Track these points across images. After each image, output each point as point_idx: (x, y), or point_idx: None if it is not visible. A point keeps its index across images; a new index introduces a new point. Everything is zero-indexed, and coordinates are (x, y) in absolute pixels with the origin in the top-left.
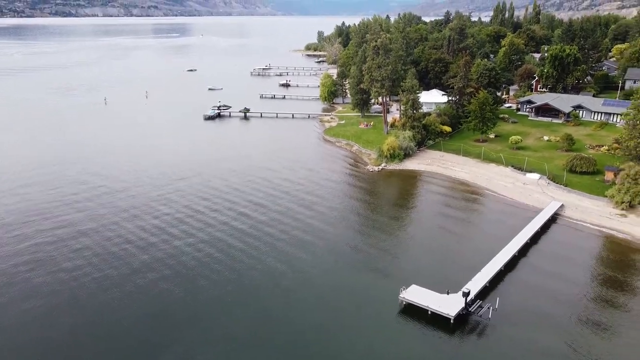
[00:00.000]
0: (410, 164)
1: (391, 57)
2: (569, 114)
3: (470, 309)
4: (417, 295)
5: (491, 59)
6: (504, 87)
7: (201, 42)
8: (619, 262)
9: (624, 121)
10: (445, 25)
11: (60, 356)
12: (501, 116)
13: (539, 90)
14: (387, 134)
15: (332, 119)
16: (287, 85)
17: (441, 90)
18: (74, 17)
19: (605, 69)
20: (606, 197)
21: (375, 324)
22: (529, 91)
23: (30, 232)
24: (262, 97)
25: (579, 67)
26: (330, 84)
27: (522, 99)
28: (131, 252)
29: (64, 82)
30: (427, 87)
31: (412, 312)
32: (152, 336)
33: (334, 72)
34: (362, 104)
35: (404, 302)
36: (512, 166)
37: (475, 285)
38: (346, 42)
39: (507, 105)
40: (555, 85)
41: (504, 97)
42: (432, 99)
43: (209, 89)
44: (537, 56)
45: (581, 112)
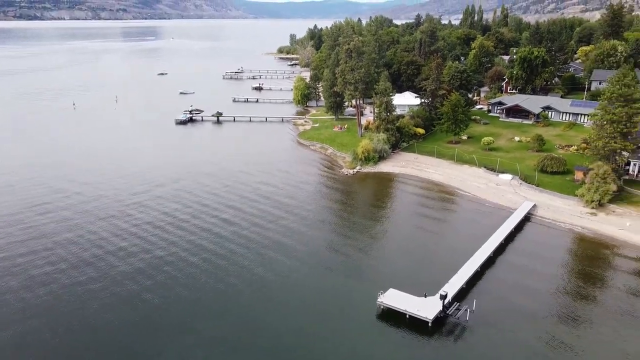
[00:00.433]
0: (384, 167)
1: (364, 60)
2: (538, 114)
3: (447, 312)
4: (395, 299)
5: (462, 62)
6: (475, 89)
7: (172, 46)
8: (591, 260)
9: (591, 122)
10: (416, 28)
11: None
12: (473, 118)
13: (509, 91)
14: (362, 136)
15: (306, 122)
16: (260, 88)
17: (414, 92)
18: (40, 20)
19: (571, 70)
20: (576, 196)
21: (354, 329)
22: (499, 93)
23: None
24: (234, 100)
25: (547, 69)
26: (303, 87)
27: (493, 101)
28: (110, 262)
29: (30, 87)
30: (400, 90)
31: (391, 316)
32: (136, 345)
33: (307, 75)
34: (336, 107)
35: (382, 307)
36: (485, 167)
37: (452, 287)
38: (319, 45)
39: (478, 106)
40: (524, 86)
41: (475, 98)
42: (405, 102)
43: (181, 93)
44: (506, 58)
45: (550, 113)
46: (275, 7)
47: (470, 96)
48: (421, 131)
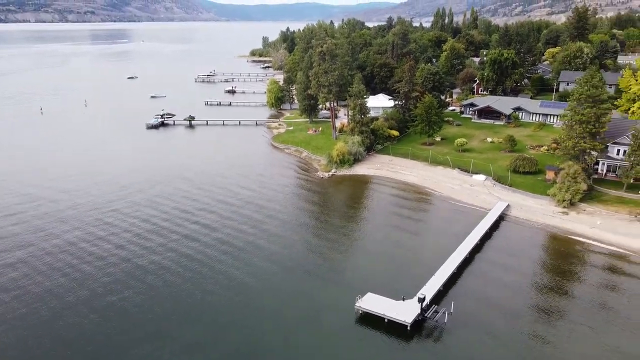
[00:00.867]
0: (360, 169)
1: (338, 62)
2: (509, 115)
3: (426, 315)
4: (373, 303)
5: (434, 64)
6: (447, 90)
7: (142, 48)
8: (565, 259)
9: (561, 122)
10: (388, 30)
11: None
12: (446, 119)
13: (480, 93)
14: (336, 139)
15: (280, 125)
16: (233, 91)
17: (387, 94)
18: (4, 22)
19: (540, 72)
20: (548, 195)
21: (332, 334)
22: (471, 94)
23: None
24: (207, 104)
25: (516, 71)
26: (277, 90)
27: (465, 102)
28: (86, 271)
29: None
30: (374, 92)
31: (369, 320)
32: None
33: (280, 77)
34: (310, 109)
35: (360, 311)
36: (459, 168)
37: (430, 289)
38: (291, 48)
39: (451, 108)
40: (495, 88)
41: (447, 100)
42: (378, 104)
43: (152, 97)
44: (476, 60)
45: (521, 113)
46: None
47: (443, 98)
48: (395, 133)
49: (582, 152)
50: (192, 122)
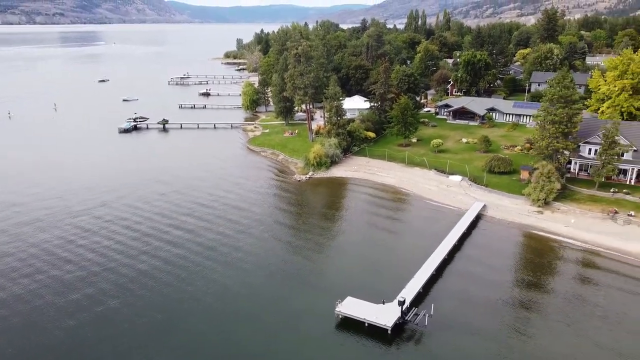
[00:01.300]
0: (337, 171)
1: (313, 64)
2: (483, 116)
3: (406, 318)
4: (353, 307)
5: (408, 65)
6: (422, 92)
7: (114, 51)
8: (541, 258)
9: (534, 122)
10: (362, 32)
11: None
12: (422, 120)
13: (454, 94)
14: (313, 141)
15: (255, 128)
16: (207, 94)
17: (363, 96)
18: None
19: (512, 72)
20: (523, 195)
21: (312, 340)
22: (445, 95)
23: None
24: (181, 107)
25: (489, 72)
26: (252, 92)
27: (440, 103)
28: (47, 284)
29: None
30: (349, 94)
31: (349, 325)
32: None
33: (255, 80)
34: (286, 111)
35: (340, 316)
36: (435, 169)
37: (409, 292)
38: (266, 50)
39: (426, 109)
40: (469, 89)
41: (423, 101)
42: (354, 105)
43: (124, 100)
44: (450, 61)
45: (494, 114)
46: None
47: (418, 99)
48: (372, 135)
49: (555, 151)
50: (166, 125)
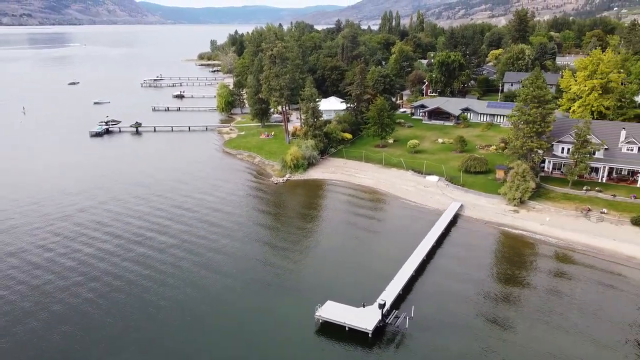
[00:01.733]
0: (314, 173)
1: (288, 65)
2: (458, 116)
3: (387, 321)
4: (333, 311)
5: (384, 66)
6: (397, 92)
7: (84, 53)
8: (518, 256)
9: (508, 122)
10: (337, 33)
11: None
12: (398, 121)
13: (429, 94)
14: (289, 143)
15: (231, 130)
16: (181, 96)
17: (339, 97)
18: None
19: (485, 73)
20: (499, 194)
21: (292, 346)
22: (420, 96)
23: None
24: (154, 109)
25: (463, 72)
26: (227, 94)
27: (415, 104)
28: (18, 291)
29: None
30: (325, 95)
31: (330, 329)
32: None
33: (230, 81)
34: (262, 113)
35: (321, 320)
36: (413, 170)
37: (389, 294)
38: (240, 51)
39: (402, 110)
40: (443, 89)
41: (398, 102)
42: (331, 107)
43: (95, 103)
44: (424, 62)
45: (469, 114)
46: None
47: (393, 100)
48: (348, 136)
49: (530, 151)
50: (139, 128)
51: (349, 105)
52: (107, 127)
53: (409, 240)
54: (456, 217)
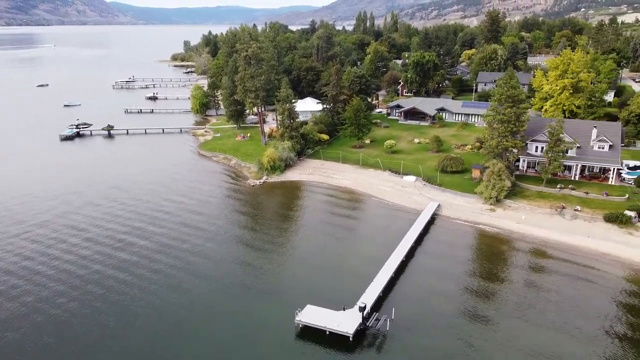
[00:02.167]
0: (292, 175)
1: (263, 66)
2: (434, 116)
3: (368, 324)
4: (313, 315)
5: (359, 66)
6: (373, 93)
7: (54, 54)
8: (496, 255)
9: (483, 122)
10: (312, 33)
11: None
12: (374, 121)
13: (405, 94)
14: (266, 145)
15: (206, 132)
16: (154, 98)
17: (315, 98)
18: None
19: (459, 73)
20: (476, 193)
21: (272, 352)
22: (396, 96)
23: None
24: (127, 112)
25: (438, 72)
26: (201, 95)
27: (391, 104)
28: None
29: None
30: (301, 96)
31: (310, 334)
32: None
33: (204, 83)
34: (237, 115)
35: (300, 325)
36: (390, 170)
37: (369, 296)
38: (215, 52)
39: (378, 110)
40: (418, 89)
41: (374, 102)
42: (307, 108)
43: (65, 106)
44: (399, 62)
45: (444, 114)
46: (165, 12)
47: (370, 100)
48: (325, 137)
49: (505, 150)
50: (111, 131)
51: (325, 106)
52: (78, 130)
53: (388, 241)
54: (434, 217)
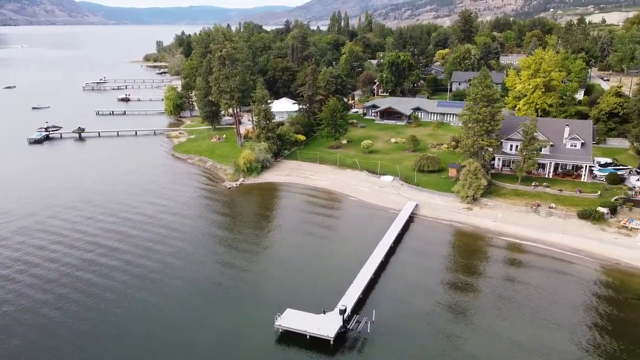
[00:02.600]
0: (269, 177)
1: (238, 67)
2: (410, 116)
3: (348, 327)
4: (294, 320)
5: (334, 66)
6: (349, 93)
7: (22, 55)
8: (474, 253)
9: (458, 121)
10: (286, 33)
11: None
12: (351, 121)
13: (380, 94)
14: (242, 146)
15: (180, 133)
16: (126, 99)
17: (291, 98)
18: None
19: (433, 72)
20: (453, 192)
21: (252, 358)
22: (372, 96)
23: None
24: (98, 114)
25: (413, 72)
26: (175, 96)
27: (367, 104)
28: None
29: None
30: (277, 96)
31: (290, 338)
32: None
33: (178, 84)
34: (212, 116)
35: (280, 330)
36: (367, 170)
37: (349, 299)
38: (188, 52)
39: (354, 110)
40: (394, 89)
41: (350, 102)
42: (283, 108)
43: (33, 108)
44: (374, 62)
45: (420, 113)
46: (137, 12)
47: (346, 100)
48: (302, 138)
49: (480, 149)
50: (82, 134)
51: (301, 106)
52: (47, 133)
53: (367, 241)
54: (412, 217)
